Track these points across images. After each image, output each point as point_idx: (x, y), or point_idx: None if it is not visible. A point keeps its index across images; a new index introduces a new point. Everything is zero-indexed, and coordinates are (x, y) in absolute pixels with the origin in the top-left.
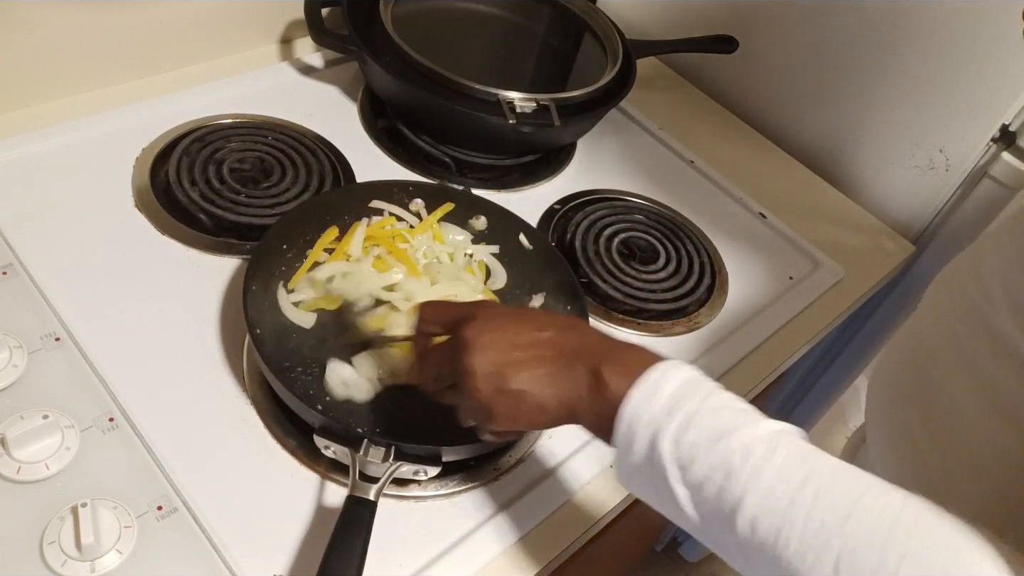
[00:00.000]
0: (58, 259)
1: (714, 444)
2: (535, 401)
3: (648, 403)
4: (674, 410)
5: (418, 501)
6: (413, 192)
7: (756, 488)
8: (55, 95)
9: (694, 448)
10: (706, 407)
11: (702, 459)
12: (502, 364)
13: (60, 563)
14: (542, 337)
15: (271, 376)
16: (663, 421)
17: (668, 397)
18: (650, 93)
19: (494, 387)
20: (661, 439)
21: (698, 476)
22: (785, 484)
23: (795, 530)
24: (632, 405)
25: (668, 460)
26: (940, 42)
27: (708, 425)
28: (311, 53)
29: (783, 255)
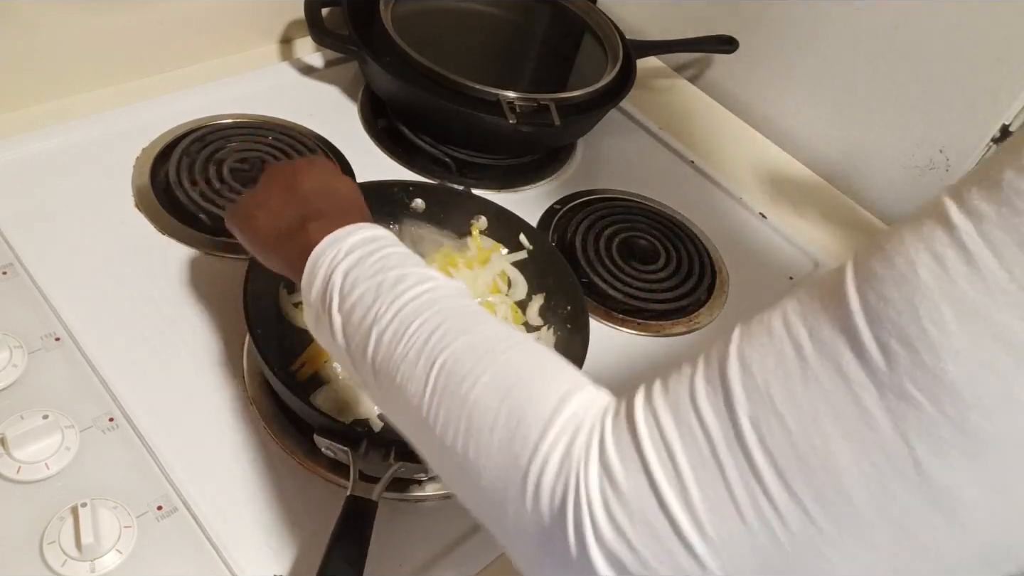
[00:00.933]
0: (58, 259)
1: (375, 275)
2: (257, 226)
3: (333, 245)
4: (353, 251)
5: (418, 501)
6: (413, 192)
7: (390, 310)
8: (55, 95)
9: (356, 280)
10: (384, 251)
11: (361, 286)
12: (269, 186)
13: (60, 563)
14: (308, 185)
15: (271, 376)
16: (341, 260)
17: (353, 243)
18: (650, 93)
19: (247, 210)
20: (335, 273)
21: (352, 303)
22: (417, 303)
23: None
24: (320, 246)
25: (335, 290)
26: (940, 42)
27: (378, 262)
28: (311, 53)
29: (783, 255)
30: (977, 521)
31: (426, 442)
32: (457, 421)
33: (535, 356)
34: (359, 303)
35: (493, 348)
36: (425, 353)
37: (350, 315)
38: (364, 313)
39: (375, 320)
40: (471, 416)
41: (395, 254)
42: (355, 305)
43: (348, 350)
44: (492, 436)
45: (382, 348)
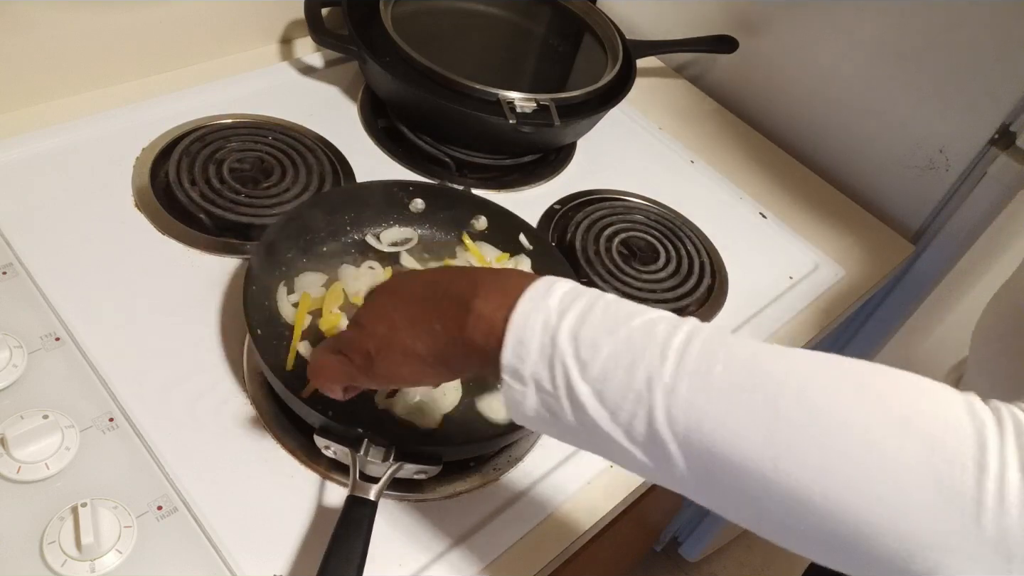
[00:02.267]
0: (58, 259)
1: (614, 330)
2: (414, 354)
3: (533, 312)
4: (565, 311)
5: (418, 501)
6: (413, 192)
7: (666, 364)
8: (55, 95)
9: (596, 342)
10: (600, 303)
11: (605, 348)
12: (387, 321)
13: (60, 563)
14: (430, 292)
15: (271, 376)
16: (558, 324)
17: (557, 303)
18: (650, 93)
19: (375, 343)
20: (559, 340)
21: (599, 367)
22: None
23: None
24: (517, 318)
25: (568, 359)
26: (940, 42)
27: (602, 314)
28: (311, 53)
29: (783, 255)
30: None
31: (769, 502)
32: (834, 471)
33: (887, 376)
34: (613, 366)
35: (837, 377)
36: (748, 403)
37: (605, 381)
38: (629, 376)
39: (652, 379)
40: (859, 459)
41: (611, 301)
42: (608, 370)
43: (615, 419)
44: (901, 474)
45: (678, 408)
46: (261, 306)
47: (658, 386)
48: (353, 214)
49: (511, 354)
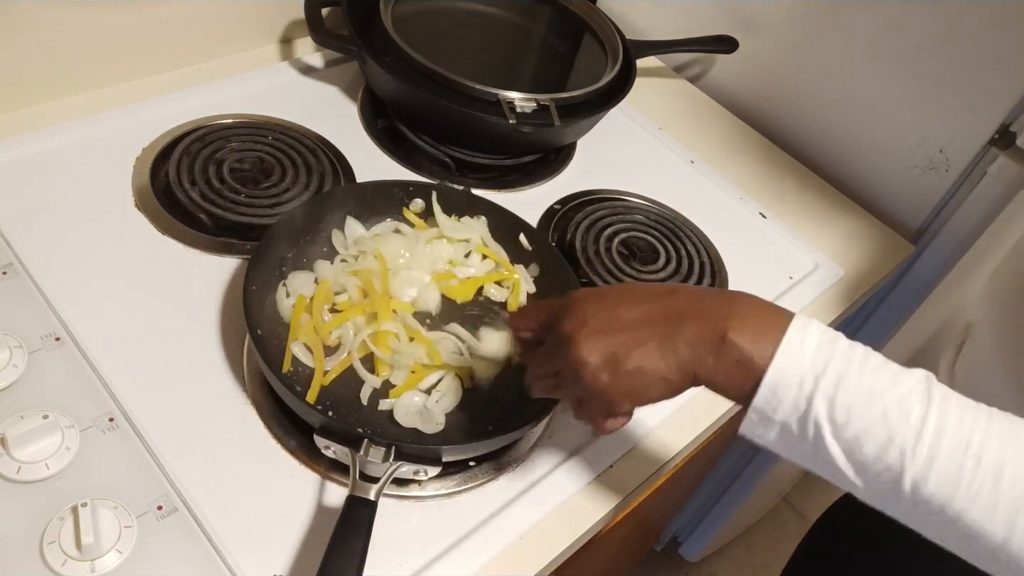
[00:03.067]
0: (58, 259)
1: (870, 402)
2: (656, 375)
3: (794, 366)
4: (822, 373)
5: (418, 501)
6: (413, 192)
7: (920, 449)
8: (55, 95)
9: (849, 409)
10: (854, 364)
11: (860, 420)
12: (613, 347)
13: (60, 563)
14: (642, 310)
15: (271, 376)
16: (815, 385)
17: (812, 356)
18: (650, 93)
19: (611, 372)
20: (816, 402)
21: (852, 433)
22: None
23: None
24: (775, 372)
25: (822, 418)
26: (940, 42)
27: (859, 382)
28: (311, 53)
29: (783, 255)
30: None
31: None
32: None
33: None
34: (867, 438)
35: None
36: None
37: (858, 447)
38: (882, 450)
39: (904, 459)
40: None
41: (863, 361)
42: (861, 440)
43: (859, 473)
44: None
45: (925, 488)
46: (261, 306)
47: (910, 468)
48: (353, 214)
49: (763, 401)
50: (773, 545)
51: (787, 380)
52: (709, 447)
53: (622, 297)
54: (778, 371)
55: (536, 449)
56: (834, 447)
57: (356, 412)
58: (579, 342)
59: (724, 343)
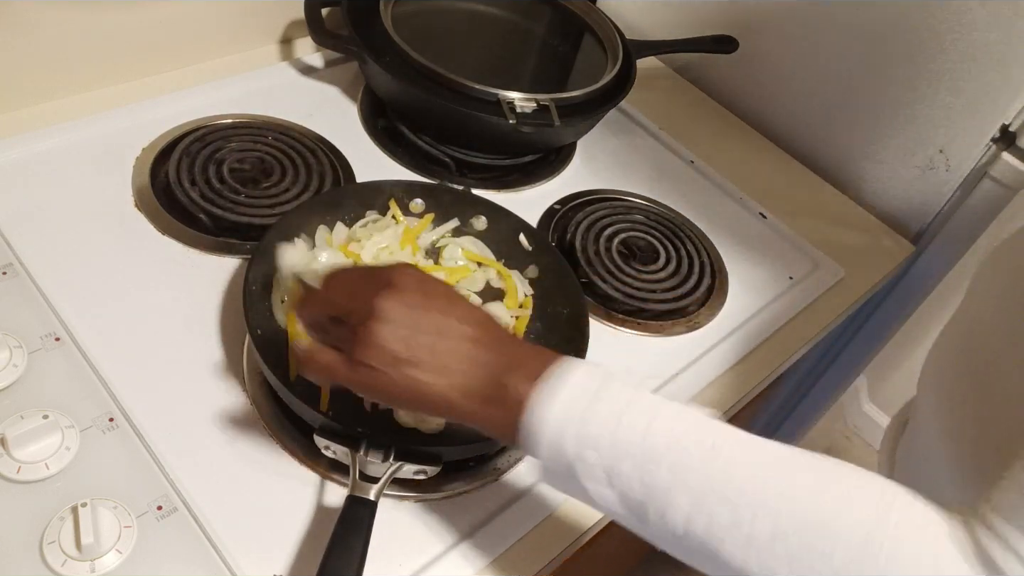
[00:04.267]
0: (58, 259)
1: (628, 453)
2: (434, 392)
3: (548, 407)
4: (588, 421)
5: (418, 501)
6: (413, 192)
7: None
8: (55, 95)
9: (615, 468)
10: (606, 401)
11: (624, 472)
12: (412, 345)
13: (60, 563)
14: (460, 330)
15: (271, 376)
16: (564, 423)
17: (568, 399)
18: (650, 93)
19: (393, 365)
20: (584, 451)
21: (624, 482)
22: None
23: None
24: (534, 413)
25: (588, 467)
26: (940, 42)
27: (625, 429)
28: (311, 53)
29: (783, 255)
30: None
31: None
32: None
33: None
34: (631, 485)
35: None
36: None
37: (626, 494)
38: (645, 496)
39: (665, 505)
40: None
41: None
42: (627, 487)
43: (636, 519)
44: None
45: (683, 529)
46: (261, 306)
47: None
48: (353, 214)
49: (543, 448)
50: None
51: (562, 435)
52: None
53: (448, 305)
54: (538, 421)
55: None
56: (608, 496)
57: (356, 412)
58: (384, 320)
59: (499, 387)
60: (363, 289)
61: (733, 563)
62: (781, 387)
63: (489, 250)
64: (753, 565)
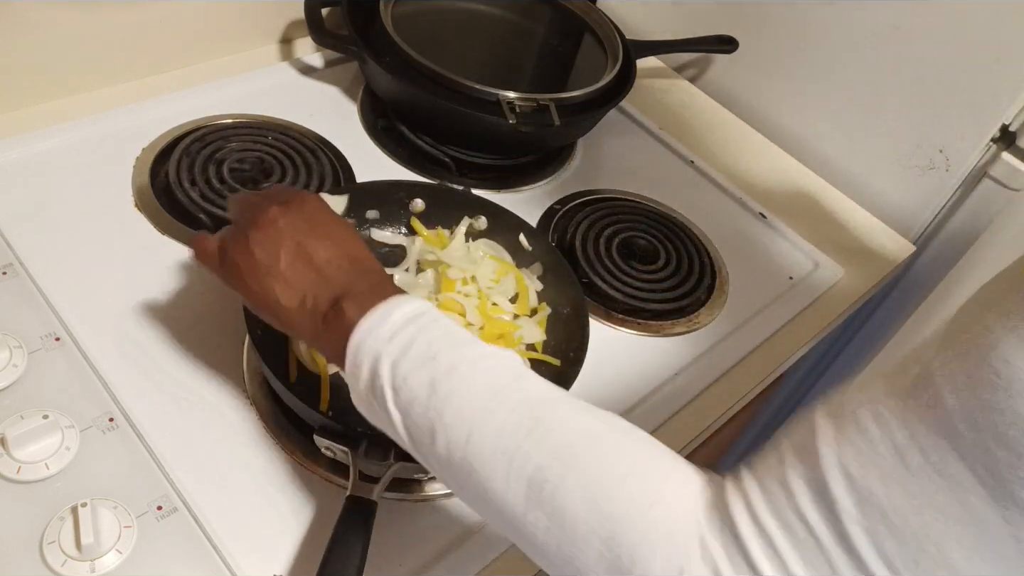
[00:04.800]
0: (58, 259)
1: (423, 366)
2: (278, 304)
3: (374, 331)
4: (395, 337)
5: (418, 501)
6: (413, 192)
7: (448, 408)
8: (55, 95)
9: (408, 372)
10: (427, 334)
11: (413, 379)
12: (274, 255)
13: (60, 563)
14: (324, 254)
15: (271, 376)
16: (384, 347)
17: (393, 325)
18: (650, 93)
19: (253, 269)
20: (381, 364)
21: (407, 397)
22: (478, 401)
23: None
24: (359, 333)
25: (386, 384)
26: (940, 42)
27: (424, 348)
28: (311, 53)
29: (783, 255)
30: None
31: (513, 533)
32: (547, 530)
33: (618, 452)
34: (415, 401)
35: (573, 449)
36: (503, 460)
37: (408, 412)
38: (423, 411)
39: (438, 421)
40: (563, 525)
41: (438, 336)
42: (411, 403)
43: (413, 445)
44: (588, 547)
45: (453, 450)
46: None
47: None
48: (353, 214)
49: (350, 366)
50: None
51: (365, 347)
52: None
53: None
54: (358, 339)
55: None
56: (396, 416)
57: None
58: (265, 222)
59: (336, 310)
60: (261, 202)
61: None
62: (781, 387)
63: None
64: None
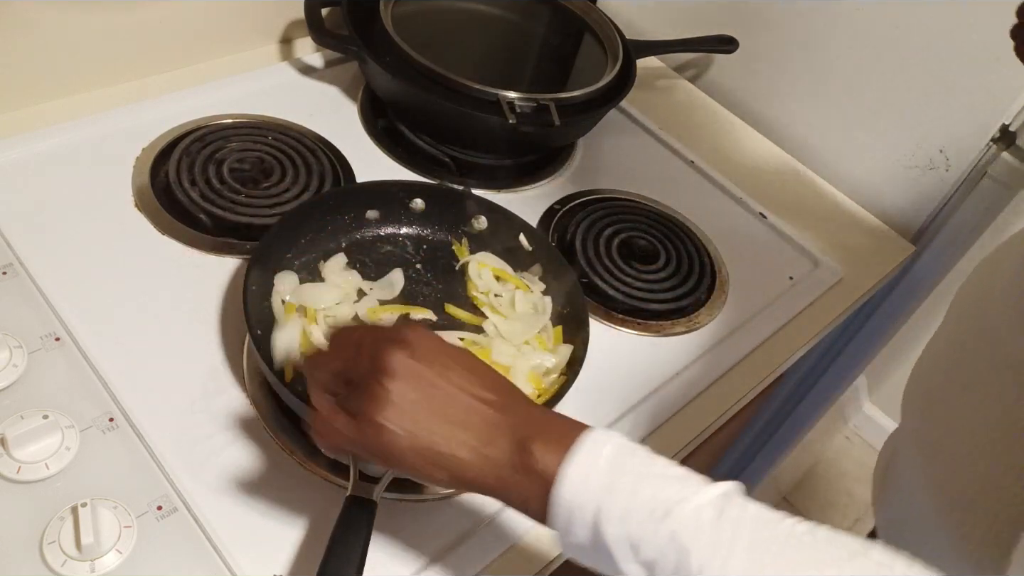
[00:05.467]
0: (58, 259)
1: (661, 521)
2: (451, 454)
3: (585, 482)
4: (612, 487)
5: (418, 501)
6: (413, 192)
7: (712, 565)
8: (55, 95)
9: (640, 527)
10: (643, 481)
11: (650, 539)
12: (426, 403)
13: (60, 563)
14: (478, 392)
15: (271, 376)
16: (603, 501)
17: (603, 473)
18: (650, 93)
19: (405, 424)
20: (603, 522)
21: (649, 556)
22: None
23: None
24: (568, 485)
25: (613, 542)
26: (940, 42)
27: (650, 499)
28: (311, 53)
29: (783, 255)
30: None
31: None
32: None
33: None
34: (661, 560)
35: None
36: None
37: (652, 569)
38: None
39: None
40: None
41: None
42: (655, 562)
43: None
44: None
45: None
46: (261, 306)
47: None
48: (353, 214)
49: (560, 521)
50: None
51: (580, 505)
52: (709, 446)
53: (467, 370)
54: (570, 493)
55: None
56: (633, 570)
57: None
58: (396, 379)
59: (525, 454)
60: (372, 344)
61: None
62: (781, 387)
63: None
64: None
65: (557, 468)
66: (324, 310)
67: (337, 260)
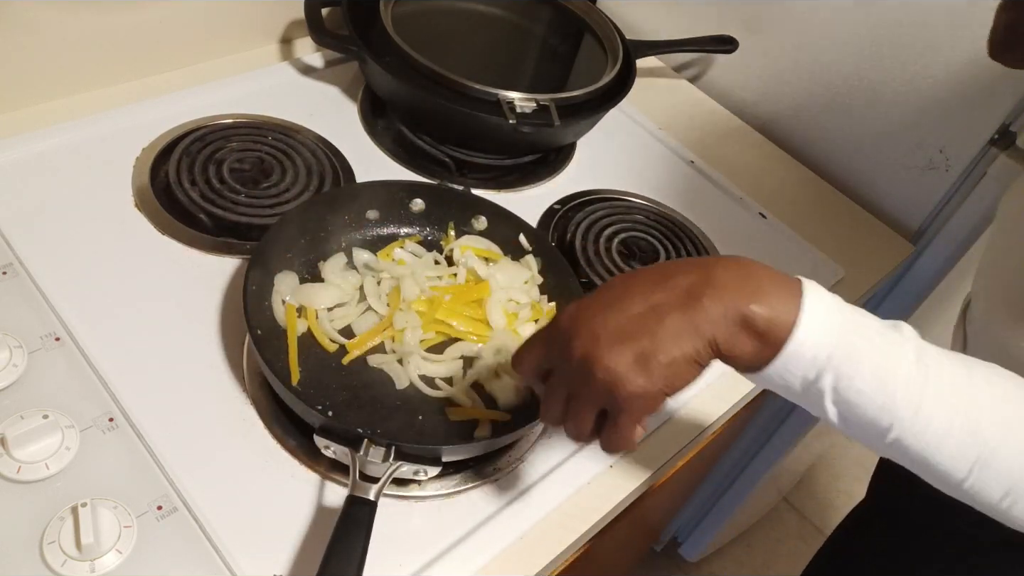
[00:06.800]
0: (58, 259)
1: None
2: (687, 359)
3: (812, 338)
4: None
5: (418, 501)
6: (413, 192)
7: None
8: (55, 95)
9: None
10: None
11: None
12: (638, 348)
13: (60, 563)
14: (650, 301)
15: (271, 376)
16: (825, 359)
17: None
18: (650, 93)
19: (645, 372)
20: (825, 373)
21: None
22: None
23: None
24: (797, 340)
25: (827, 387)
26: (940, 42)
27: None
28: (311, 53)
29: (783, 255)
30: None
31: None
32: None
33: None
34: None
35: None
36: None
37: (850, 411)
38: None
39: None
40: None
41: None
42: (856, 407)
43: (847, 427)
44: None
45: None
46: (261, 306)
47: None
48: (353, 214)
49: (778, 368)
50: (773, 545)
51: (802, 352)
52: (709, 447)
53: (623, 295)
54: (797, 344)
55: (535, 449)
56: (831, 409)
57: (356, 412)
58: (600, 356)
59: (745, 317)
60: (555, 335)
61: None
62: None
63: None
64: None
65: (788, 324)
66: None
67: (337, 260)
